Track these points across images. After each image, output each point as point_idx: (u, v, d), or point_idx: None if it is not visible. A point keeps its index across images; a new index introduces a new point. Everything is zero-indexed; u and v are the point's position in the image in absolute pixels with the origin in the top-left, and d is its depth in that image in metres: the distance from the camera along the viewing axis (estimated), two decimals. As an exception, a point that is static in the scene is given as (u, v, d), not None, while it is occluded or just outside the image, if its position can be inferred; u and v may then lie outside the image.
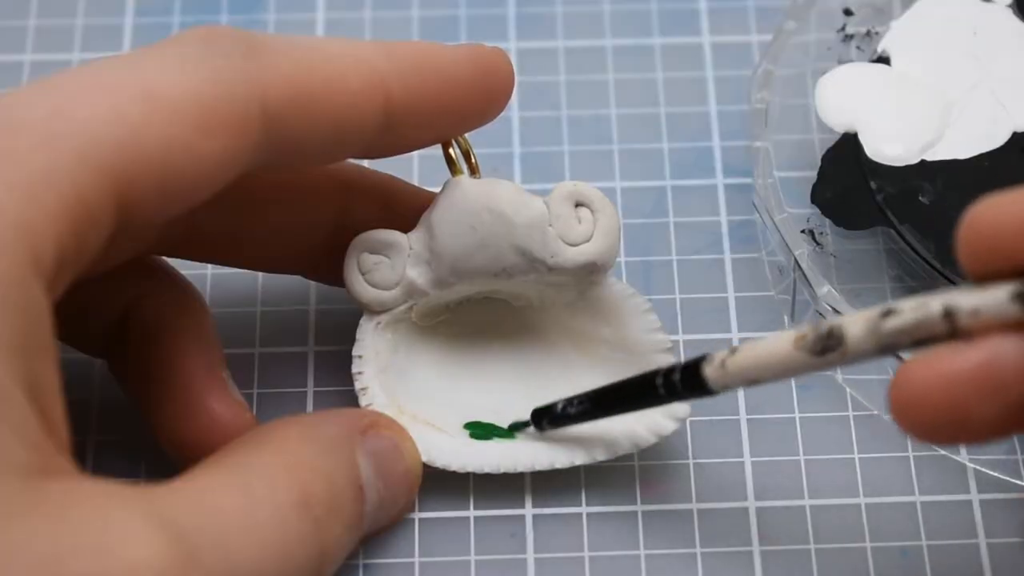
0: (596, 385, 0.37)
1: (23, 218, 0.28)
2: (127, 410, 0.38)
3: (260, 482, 0.31)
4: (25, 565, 0.26)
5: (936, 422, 0.29)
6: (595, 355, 0.39)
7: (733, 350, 0.32)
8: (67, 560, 0.27)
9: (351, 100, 0.33)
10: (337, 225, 0.38)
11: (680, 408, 0.38)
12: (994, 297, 0.28)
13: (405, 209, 0.38)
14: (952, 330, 0.28)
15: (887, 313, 0.29)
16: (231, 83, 0.31)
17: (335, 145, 0.34)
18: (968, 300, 0.28)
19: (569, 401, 0.37)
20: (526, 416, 0.38)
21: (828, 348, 0.30)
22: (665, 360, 0.38)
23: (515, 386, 0.39)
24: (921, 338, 0.29)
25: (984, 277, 0.29)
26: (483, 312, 0.39)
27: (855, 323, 0.30)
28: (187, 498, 0.30)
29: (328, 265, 0.39)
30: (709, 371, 0.32)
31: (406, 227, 0.38)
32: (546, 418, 0.38)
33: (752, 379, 0.32)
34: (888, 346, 0.29)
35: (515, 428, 0.38)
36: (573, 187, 0.37)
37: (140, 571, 0.27)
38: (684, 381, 0.33)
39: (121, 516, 0.28)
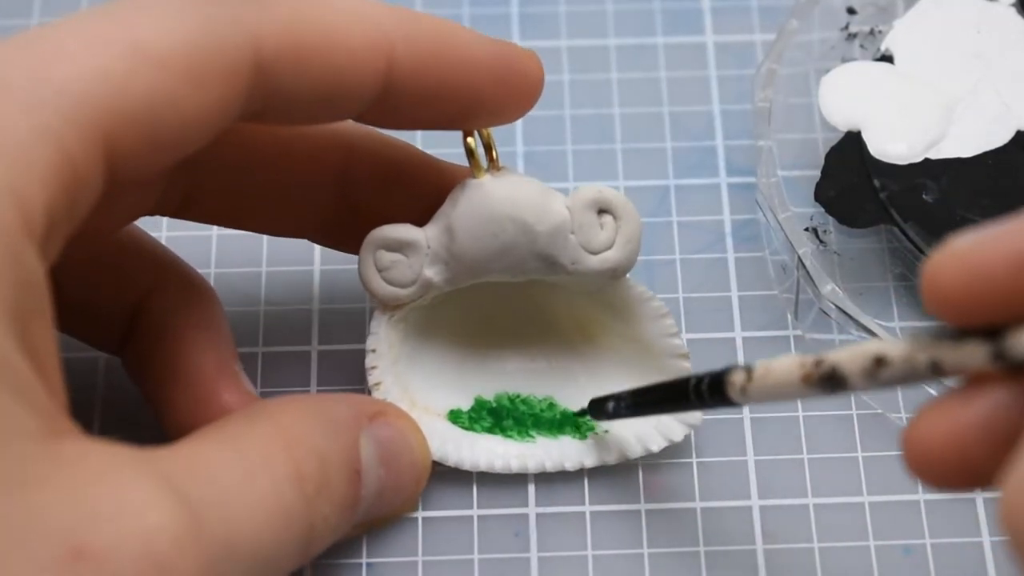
0: (602, 371, 0.37)
1: (12, 184, 0.28)
2: (130, 408, 0.38)
3: (258, 455, 0.31)
4: (46, 531, 0.27)
5: (950, 474, 0.28)
6: (602, 343, 0.39)
7: (749, 374, 0.32)
8: (88, 525, 0.27)
9: (350, 57, 0.32)
10: (339, 187, 0.38)
11: (693, 415, 0.38)
12: (974, 356, 0.28)
13: (410, 176, 0.38)
14: (944, 376, 0.29)
15: (880, 362, 0.29)
16: (223, 30, 0.31)
17: (329, 101, 0.33)
18: (951, 357, 0.28)
19: (616, 399, 0.37)
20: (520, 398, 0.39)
21: (833, 388, 0.30)
22: (682, 365, 0.38)
23: (520, 369, 0.40)
24: (916, 382, 0.29)
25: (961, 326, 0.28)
26: (492, 288, 0.39)
27: (853, 367, 0.30)
28: (192, 467, 0.30)
29: (332, 229, 0.38)
30: (732, 393, 0.33)
31: (410, 193, 0.37)
32: (599, 412, 0.38)
33: (767, 402, 0.33)
34: (887, 386, 0.30)
35: (580, 415, 0.39)
36: (597, 193, 0.37)
37: (159, 536, 0.27)
38: (711, 394, 0.34)
39: (136, 481, 0.28)
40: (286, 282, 0.42)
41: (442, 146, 0.40)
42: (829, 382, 0.30)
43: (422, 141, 0.45)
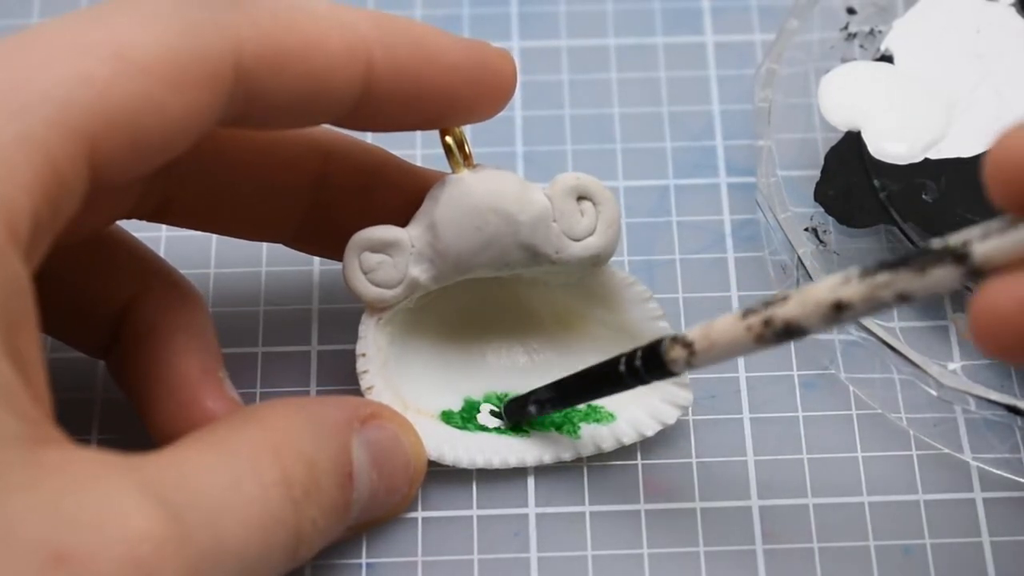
0: (586, 362, 0.37)
1: None
2: (128, 409, 0.38)
3: (244, 460, 0.31)
4: (27, 537, 0.27)
5: (1017, 343, 0.28)
6: (585, 332, 0.40)
7: (690, 348, 0.33)
8: (70, 531, 0.27)
9: (329, 62, 0.33)
10: (316, 191, 0.38)
11: (682, 395, 0.38)
12: (946, 280, 0.29)
13: (386, 180, 0.38)
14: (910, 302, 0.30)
15: (840, 308, 0.30)
16: (204, 36, 0.31)
17: (309, 106, 0.33)
18: (919, 286, 0.29)
19: (537, 395, 0.37)
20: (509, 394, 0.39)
21: (789, 339, 0.31)
22: None
23: (505, 367, 0.40)
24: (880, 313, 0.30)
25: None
26: (472, 286, 0.39)
27: (811, 320, 0.31)
28: (177, 473, 0.30)
29: (307, 234, 0.39)
30: (676, 368, 0.34)
31: (384, 197, 0.38)
32: (518, 415, 0.38)
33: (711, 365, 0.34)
34: (848, 323, 0.31)
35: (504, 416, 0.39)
36: (575, 180, 0.37)
37: (140, 543, 0.27)
38: (650, 372, 0.34)
39: (118, 487, 0.28)
40: (286, 282, 0.42)
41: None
42: (785, 336, 0.31)
43: (421, 139, 0.45)
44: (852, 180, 0.41)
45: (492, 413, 0.39)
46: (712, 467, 0.39)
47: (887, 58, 0.44)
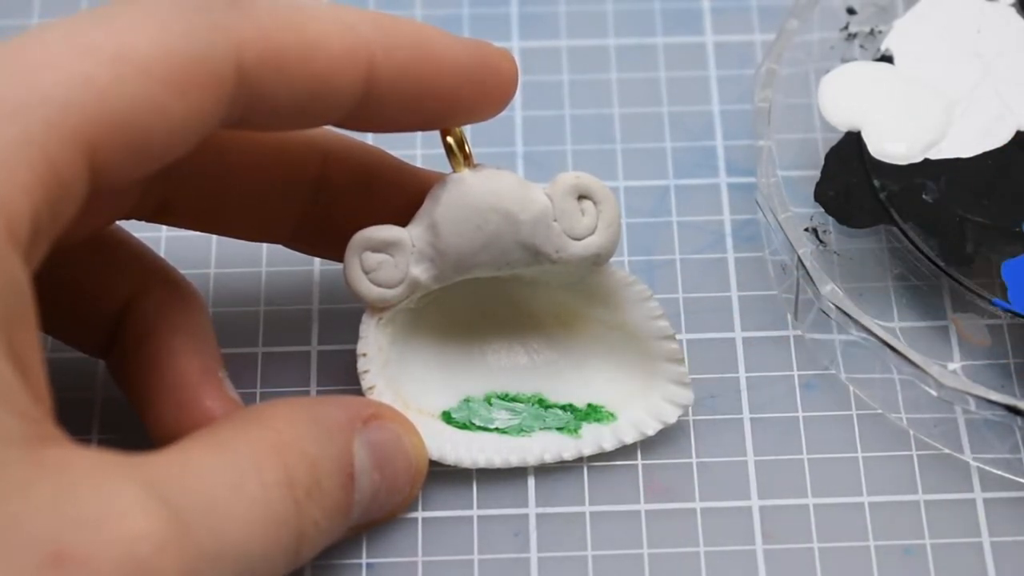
0: (587, 362, 0.38)
1: None
2: (128, 409, 0.38)
3: (246, 460, 0.31)
4: (27, 537, 0.27)
5: None
6: (585, 334, 0.40)
7: None
8: (70, 530, 0.27)
9: (330, 64, 0.33)
10: (315, 192, 0.38)
11: (683, 395, 0.38)
12: None
13: (386, 181, 0.38)
14: None
15: None
16: (206, 38, 0.31)
17: (310, 108, 0.33)
18: None
19: None
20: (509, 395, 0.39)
21: None
22: (669, 347, 0.38)
23: (506, 368, 0.40)
24: None
25: None
26: (472, 286, 0.39)
27: None
28: (179, 473, 0.30)
29: (306, 235, 0.39)
30: None
31: (383, 198, 0.38)
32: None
33: None
34: None
35: None
36: (576, 180, 0.37)
37: (141, 543, 0.27)
38: None
39: (119, 487, 0.28)
40: (286, 282, 0.42)
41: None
42: None
43: (421, 139, 0.45)
44: (852, 180, 0.41)
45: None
46: (712, 467, 0.39)
47: (887, 58, 0.44)
